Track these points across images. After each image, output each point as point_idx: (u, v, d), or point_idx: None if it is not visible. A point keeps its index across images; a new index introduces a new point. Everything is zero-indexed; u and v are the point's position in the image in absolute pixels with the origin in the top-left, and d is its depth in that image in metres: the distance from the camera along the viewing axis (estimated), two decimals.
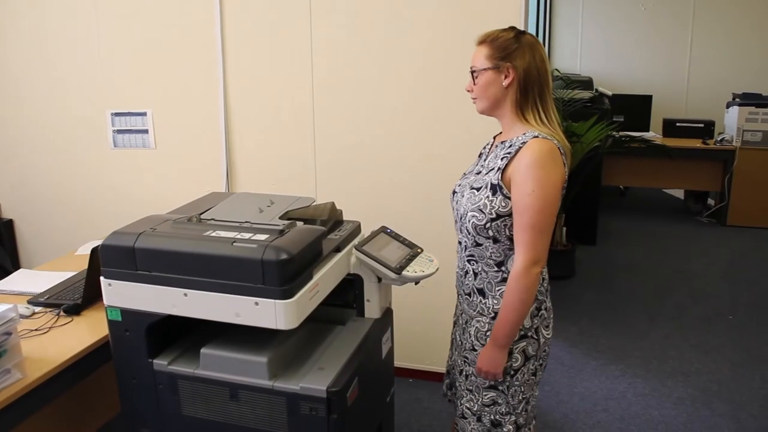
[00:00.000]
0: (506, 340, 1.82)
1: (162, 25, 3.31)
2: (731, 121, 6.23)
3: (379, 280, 2.03)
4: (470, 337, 1.92)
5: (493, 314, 1.86)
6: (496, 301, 1.85)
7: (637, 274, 5.00)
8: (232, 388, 1.74)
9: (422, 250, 2.10)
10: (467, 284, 1.92)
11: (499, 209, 1.77)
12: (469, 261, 1.90)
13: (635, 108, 6.76)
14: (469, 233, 1.85)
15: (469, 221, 1.82)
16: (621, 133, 5.25)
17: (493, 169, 1.81)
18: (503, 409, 1.92)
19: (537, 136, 1.75)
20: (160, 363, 1.81)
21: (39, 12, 3.49)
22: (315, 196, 3.17)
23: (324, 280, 1.80)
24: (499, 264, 1.84)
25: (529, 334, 1.88)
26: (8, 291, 2.41)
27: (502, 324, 1.80)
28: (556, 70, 6.63)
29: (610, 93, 6.06)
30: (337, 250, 1.94)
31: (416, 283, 2.05)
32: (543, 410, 3.12)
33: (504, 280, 1.84)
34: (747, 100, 6.15)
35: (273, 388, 1.71)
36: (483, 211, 1.79)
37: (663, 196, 7.51)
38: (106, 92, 3.49)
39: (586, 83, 6.30)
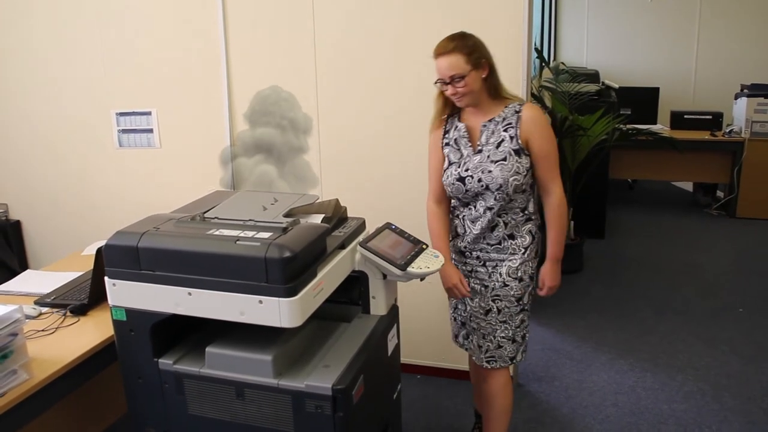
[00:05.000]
0: (562, 254, 2.34)
1: (165, 23, 3.31)
2: (740, 113, 6.18)
3: (385, 276, 2.02)
4: (500, 276, 2.29)
5: (523, 250, 2.28)
6: (523, 239, 2.28)
7: (646, 267, 4.97)
8: (237, 387, 1.74)
9: (427, 246, 2.09)
10: (496, 236, 2.27)
11: (527, 166, 2.20)
12: (499, 216, 2.25)
13: (642, 100, 6.71)
14: (507, 195, 2.20)
15: (511, 186, 2.18)
16: (628, 126, 5.20)
17: (502, 140, 2.19)
18: (526, 323, 2.38)
19: (524, 104, 2.23)
20: (166, 362, 1.81)
21: (41, 12, 3.50)
22: (319, 194, 3.16)
23: (328, 277, 1.79)
24: (523, 209, 2.26)
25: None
26: (15, 292, 2.42)
27: (560, 243, 2.32)
28: (562, 63, 6.59)
29: (616, 86, 6.01)
30: (342, 247, 1.93)
31: (422, 279, 2.05)
32: (552, 405, 3.11)
33: (527, 220, 2.28)
34: (755, 91, 6.08)
35: (278, 386, 1.70)
36: (519, 173, 2.18)
37: (671, 188, 7.46)
38: (111, 92, 3.49)
39: (593, 76, 6.25)
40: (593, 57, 7.77)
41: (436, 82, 2.22)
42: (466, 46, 2.13)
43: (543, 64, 5.44)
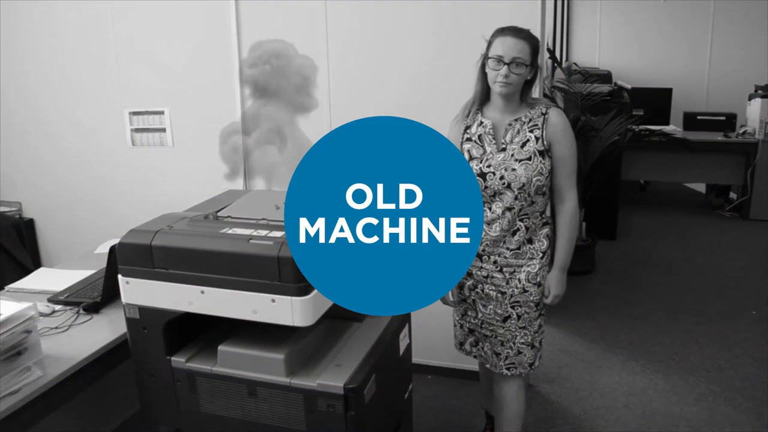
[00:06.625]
0: (569, 263, 2.32)
1: (178, 23, 3.32)
2: (753, 114, 6.12)
3: None
4: (520, 282, 2.28)
5: (541, 254, 2.28)
6: (540, 243, 2.28)
7: (658, 269, 4.94)
8: (249, 385, 1.75)
9: None
10: (516, 240, 2.26)
11: (549, 168, 2.23)
12: (521, 219, 2.25)
13: (655, 101, 6.66)
14: (529, 195, 2.21)
15: (533, 186, 2.20)
16: (641, 127, 5.18)
17: (528, 141, 2.21)
18: (543, 328, 2.39)
19: (550, 107, 2.25)
20: (178, 360, 1.82)
21: (55, 12, 3.52)
22: None
23: None
24: (542, 213, 2.28)
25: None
26: (29, 289, 2.43)
27: (569, 251, 2.30)
28: (575, 63, 6.56)
29: (629, 86, 5.97)
30: None
31: None
32: (563, 406, 3.10)
33: (545, 224, 2.30)
34: None
35: (290, 384, 1.71)
36: (542, 174, 2.21)
37: (684, 190, 7.41)
38: (124, 91, 3.51)
39: (605, 77, 6.20)
40: (606, 57, 7.72)
41: (489, 58, 2.16)
42: (534, 42, 2.17)
43: (555, 64, 5.43)
